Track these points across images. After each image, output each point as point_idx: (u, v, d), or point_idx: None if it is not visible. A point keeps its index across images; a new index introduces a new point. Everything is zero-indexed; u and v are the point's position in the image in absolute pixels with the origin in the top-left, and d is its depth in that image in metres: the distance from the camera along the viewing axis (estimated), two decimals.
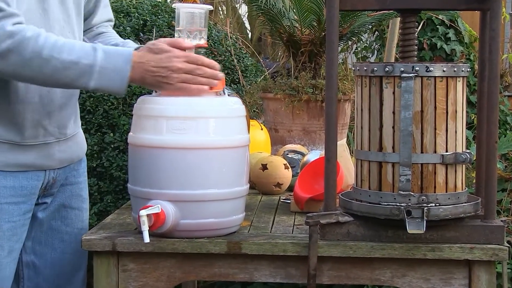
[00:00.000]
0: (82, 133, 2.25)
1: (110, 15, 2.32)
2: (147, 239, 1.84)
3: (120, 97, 3.13)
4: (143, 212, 1.84)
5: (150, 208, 1.85)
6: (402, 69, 1.85)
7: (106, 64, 1.87)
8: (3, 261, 2.00)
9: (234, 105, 1.96)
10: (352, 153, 2.23)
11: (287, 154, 2.75)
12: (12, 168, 1.99)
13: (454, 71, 1.87)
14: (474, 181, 2.10)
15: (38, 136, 2.02)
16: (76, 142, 2.17)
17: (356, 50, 5.67)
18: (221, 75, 1.93)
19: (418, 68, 1.84)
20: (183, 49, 1.91)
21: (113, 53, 1.90)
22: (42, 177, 2.07)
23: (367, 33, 4.88)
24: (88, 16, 2.23)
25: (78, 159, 2.22)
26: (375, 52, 5.61)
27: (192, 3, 2.12)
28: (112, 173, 3.10)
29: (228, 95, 1.96)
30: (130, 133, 1.97)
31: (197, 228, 1.91)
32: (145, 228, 1.84)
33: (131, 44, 2.16)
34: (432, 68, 1.85)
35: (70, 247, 2.20)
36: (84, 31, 2.23)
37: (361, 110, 1.93)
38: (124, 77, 1.88)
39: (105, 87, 1.90)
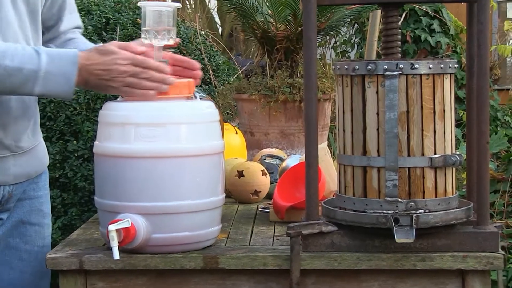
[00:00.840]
0: (44, 145, 2.23)
1: (78, 21, 2.32)
2: (117, 255, 1.84)
3: (82, 102, 3.12)
4: (112, 227, 1.83)
5: (119, 222, 1.85)
6: (386, 67, 1.86)
7: (50, 68, 1.88)
8: None
9: (206, 109, 1.95)
10: (334, 156, 2.24)
11: (265, 159, 2.76)
12: None
13: (441, 67, 1.88)
14: (465, 182, 2.12)
15: None
16: (34, 156, 2.15)
17: (334, 45, 5.70)
18: (171, 80, 1.91)
19: (402, 66, 1.85)
20: (137, 53, 1.92)
21: (57, 55, 1.90)
22: None
23: (346, 27, 4.89)
24: (54, 23, 2.23)
25: (37, 174, 2.19)
26: (355, 46, 5.65)
27: (159, 0, 2.12)
28: (76, 184, 3.09)
29: (200, 98, 1.96)
30: (96, 142, 1.96)
31: (171, 243, 1.90)
32: (114, 244, 1.83)
33: None
34: (418, 65, 1.86)
35: (30, 266, 2.18)
36: (51, 39, 2.23)
37: (343, 111, 1.93)
38: (70, 80, 1.90)
39: (51, 92, 1.91)
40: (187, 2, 7.37)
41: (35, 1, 2.09)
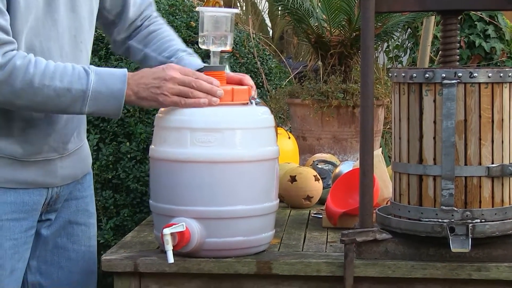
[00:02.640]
0: (87, 145, 2.24)
1: None
2: (171, 259, 1.85)
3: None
4: (166, 231, 1.85)
5: (174, 226, 1.86)
6: (444, 75, 1.85)
7: (99, 87, 1.90)
8: (5, 281, 2.01)
9: (262, 115, 1.96)
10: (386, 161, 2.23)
11: (317, 164, 2.76)
12: (12, 184, 2.00)
13: (500, 76, 1.87)
14: None
15: (41, 152, 2.03)
16: (79, 157, 2.17)
17: (387, 49, 5.67)
18: (220, 92, 1.91)
19: (461, 74, 1.84)
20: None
21: (106, 74, 1.93)
22: (45, 194, 2.08)
23: (399, 31, 4.88)
24: (121, 8, 2.22)
25: (82, 175, 2.22)
26: (408, 51, 5.61)
27: (214, 6, 2.14)
28: (128, 185, 3.12)
29: (256, 104, 1.97)
30: (151, 146, 1.98)
31: (225, 248, 1.92)
32: (169, 248, 1.85)
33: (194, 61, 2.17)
34: (476, 74, 1.85)
35: (78, 266, 2.21)
36: (128, 36, 2.25)
37: (399, 119, 1.93)
38: (119, 98, 1.92)
39: (100, 111, 1.94)
40: (239, 5, 7.39)
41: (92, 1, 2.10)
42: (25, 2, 1.89)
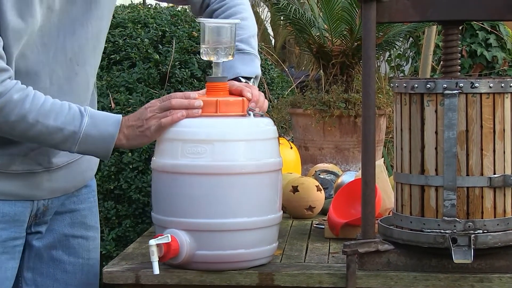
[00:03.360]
0: (88, 159, 2.20)
1: None
2: (156, 270, 1.85)
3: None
4: (152, 242, 1.85)
5: (159, 237, 1.87)
6: (445, 85, 1.85)
7: (90, 131, 1.93)
8: None
9: (259, 127, 1.95)
10: (388, 171, 2.22)
11: (319, 174, 2.76)
12: None
13: (502, 86, 1.86)
14: None
15: (22, 164, 2.02)
16: (72, 171, 2.15)
17: (389, 58, 5.67)
18: (199, 103, 1.92)
19: (462, 85, 1.84)
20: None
21: (100, 118, 1.95)
22: (29, 206, 2.06)
23: (401, 41, 4.89)
24: None
25: (76, 189, 2.20)
26: (410, 60, 5.61)
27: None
28: (130, 196, 3.12)
29: (254, 115, 1.95)
30: (153, 157, 1.98)
31: (223, 260, 1.91)
32: (154, 259, 1.85)
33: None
34: (478, 84, 1.84)
35: (75, 279, 2.19)
36: (207, 5, 2.26)
37: (401, 129, 1.93)
38: (109, 143, 1.95)
39: (89, 153, 1.98)
40: None
41: (101, 21, 2.09)
42: (17, 26, 1.88)
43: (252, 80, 2.14)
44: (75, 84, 2.04)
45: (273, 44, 7.39)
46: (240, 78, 2.12)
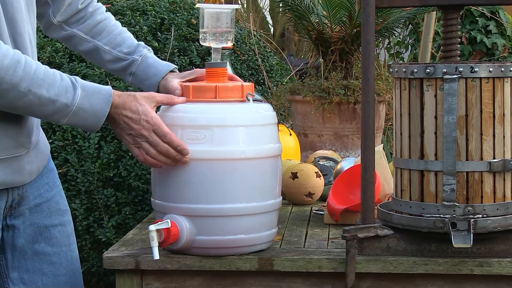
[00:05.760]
0: (43, 133, 2.14)
1: None
2: (156, 255, 1.85)
3: None
4: (152, 227, 1.85)
5: (159, 223, 1.87)
6: (445, 70, 1.85)
7: (83, 104, 1.86)
8: None
9: (258, 112, 1.95)
10: (388, 157, 2.22)
11: (318, 161, 2.76)
12: None
13: (502, 71, 1.86)
14: None
15: (7, 148, 1.94)
16: (40, 148, 2.09)
17: (388, 45, 5.67)
18: (185, 160, 1.89)
19: (462, 69, 1.84)
20: (175, 104, 1.94)
21: (92, 91, 1.88)
22: (4, 195, 1.99)
23: (400, 28, 4.88)
24: None
25: (43, 166, 2.13)
26: (409, 47, 5.61)
27: (214, 2, 2.13)
28: (130, 183, 3.12)
29: (254, 101, 1.95)
30: None
31: (224, 246, 1.91)
32: (154, 244, 1.85)
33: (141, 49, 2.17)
34: (477, 69, 1.84)
35: (62, 268, 2.16)
36: (65, 20, 2.18)
37: (400, 115, 1.93)
38: (99, 119, 1.88)
39: (77, 125, 1.90)
40: (240, 2, 7.39)
41: None
42: None
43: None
44: (21, 47, 1.93)
45: (272, 32, 7.39)
46: (175, 70, 2.14)
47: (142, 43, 2.21)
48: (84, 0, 2.21)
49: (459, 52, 1.98)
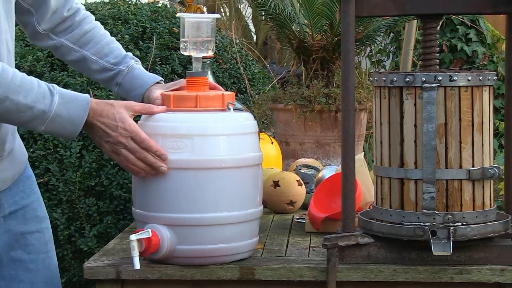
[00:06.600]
0: (20, 141, 2.14)
1: None
2: (137, 265, 1.85)
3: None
4: (132, 237, 1.85)
5: (140, 232, 1.87)
6: (424, 79, 1.86)
7: (60, 111, 1.85)
8: None
9: (239, 121, 1.95)
10: (369, 166, 2.23)
11: (300, 169, 2.76)
12: None
13: (480, 79, 1.88)
14: (501, 192, 2.11)
15: None
16: (15, 156, 2.08)
17: (370, 54, 5.69)
18: (163, 169, 1.88)
19: (441, 78, 1.85)
20: (154, 113, 1.94)
21: (69, 98, 1.87)
22: None
23: (381, 36, 4.90)
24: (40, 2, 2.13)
25: (19, 174, 2.12)
26: (391, 55, 5.63)
27: (196, 12, 2.14)
28: (112, 192, 3.11)
29: (234, 110, 1.96)
30: None
31: (206, 255, 1.91)
32: (135, 254, 1.85)
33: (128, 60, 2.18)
34: (456, 77, 1.86)
35: (40, 275, 2.15)
36: (52, 28, 2.17)
37: (380, 123, 1.94)
38: (77, 126, 1.87)
39: (55, 133, 1.90)
40: (222, 10, 7.40)
41: None
42: None
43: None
44: (5, 56, 1.94)
45: (254, 40, 7.39)
46: (160, 82, 2.14)
47: (130, 54, 2.22)
48: (70, 8, 2.20)
49: (438, 60, 1.99)
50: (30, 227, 2.14)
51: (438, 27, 2.00)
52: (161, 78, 2.15)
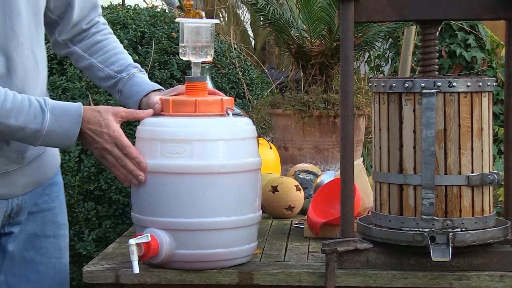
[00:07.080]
0: (51, 149, 2.18)
1: (94, 0, 2.27)
2: (136, 269, 1.85)
3: None
4: (131, 241, 1.85)
5: (139, 237, 1.87)
6: (423, 84, 1.86)
7: (53, 127, 1.91)
8: None
9: (238, 126, 1.96)
10: (368, 171, 2.23)
11: (299, 174, 2.76)
12: None
13: (479, 85, 1.88)
14: (500, 198, 2.11)
15: None
16: (42, 162, 2.13)
17: (368, 59, 5.69)
18: (140, 178, 1.92)
19: (440, 84, 1.85)
20: (140, 118, 1.98)
21: (62, 113, 1.93)
22: (4, 205, 2.04)
23: (380, 41, 4.91)
24: (64, 9, 2.18)
25: (46, 179, 2.17)
26: (389, 60, 5.63)
27: (195, 17, 2.14)
28: (111, 197, 3.11)
29: (233, 115, 1.96)
30: None
31: (204, 259, 1.91)
32: (134, 258, 1.86)
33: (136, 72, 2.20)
34: (456, 83, 1.86)
35: (48, 279, 2.18)
36: (70, 39, 2.23)
37: (379, 129, 1.94)
38: (72, 138, 1.93)
39: (51, 146, 1.98)
40: (221, 15, 7.40)
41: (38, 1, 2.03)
42: None
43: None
44: (30, 68, 2.00)
45: (253, 45, 7.40)
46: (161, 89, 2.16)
47: (135, 64, 2.25)
48: (90, 21, 2.26)
49: (437, 66, 1.99)
50: (47, 231, 2.18)
51: (437, 33, 2.00)
52: (161, 87, 2.16)
